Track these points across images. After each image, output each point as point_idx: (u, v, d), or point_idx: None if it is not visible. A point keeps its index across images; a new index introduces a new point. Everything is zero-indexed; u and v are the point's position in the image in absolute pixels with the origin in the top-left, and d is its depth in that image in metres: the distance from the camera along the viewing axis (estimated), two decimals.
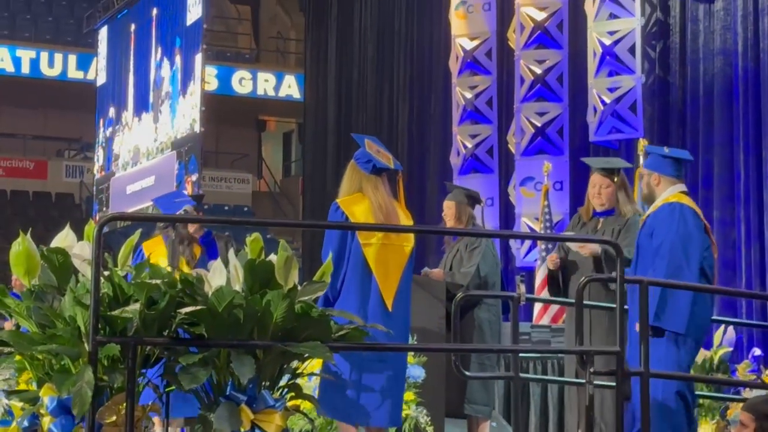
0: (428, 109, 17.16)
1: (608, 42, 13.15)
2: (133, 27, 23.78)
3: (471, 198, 8.56)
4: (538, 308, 11.99)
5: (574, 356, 7.61)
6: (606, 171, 7.88)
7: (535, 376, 9.39)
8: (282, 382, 5.08)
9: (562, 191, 13.75)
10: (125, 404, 4.71)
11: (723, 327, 9.50)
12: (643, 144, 10.09)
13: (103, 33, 25.51)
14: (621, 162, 8.23)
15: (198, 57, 20.70)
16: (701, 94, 12.69)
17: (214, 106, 23.75)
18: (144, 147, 23.00)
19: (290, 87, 28.07)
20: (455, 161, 15.33)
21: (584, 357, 5.77)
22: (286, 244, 5.07)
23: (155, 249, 8.23)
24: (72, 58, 28.35)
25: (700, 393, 8.30)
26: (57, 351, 4.74)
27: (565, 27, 14.17)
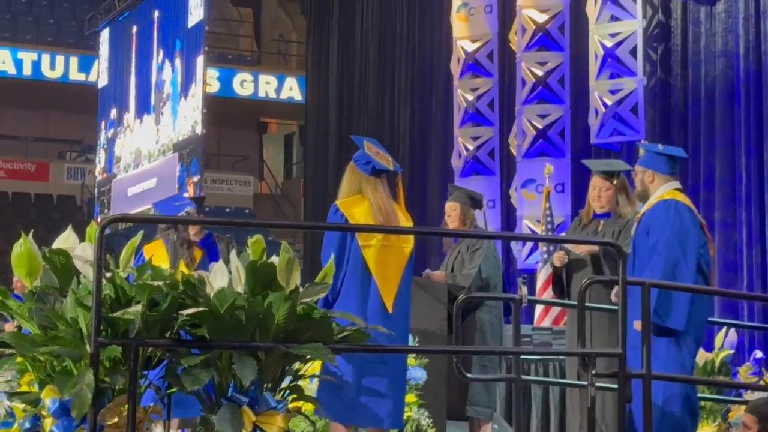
0: (429, 112, 17.15)
1: (610, 44, 13.14)
2: (135, 29, 23.78)
3: (473, 200, 8.57)
4: (540, 310, 11.98)
5: (575, 358, 7.62)
6: (606, 174, 7.87)
7: (537, 378, 9.37)
8: (284, 384, 5.08)
9: (564, 193, 13.74)
10: (127, 406, 4.71)
11: (724, 329, 9.47)
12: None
13: (105, 35, 25.52)
14: (621, 164, 8.22)
15: (200, 59, 20.70)
16: (703, 97, 12.68)
17: (216, 108, 23.74)
18: (145, 149, 23.00)
19: (292, 89, 28.06)
20: (456, 163, 15.32)
21: (586, 359, 5.76)
22: (288, 246, 5.06)
23: (156, 252, 8.24)
24: (74, 60, 28.35)
25: (702, 395, 8.28)
26: (59, 353, 4.73)
27: (567, 29, 14.17)
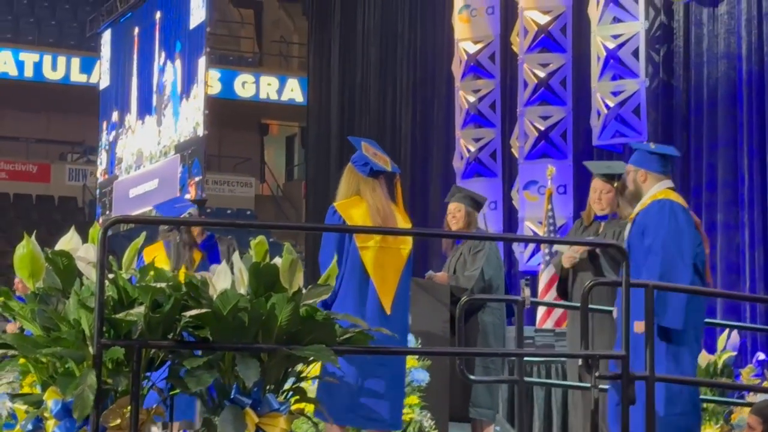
0: (431, 113, 17.14)
1: (612, 46, 13.14)
2: (137, 30, 23.79)
3: (476, 202, 8.56)
4: (542, 312, 11.97)
5: (576, 359, 7.61)
6: (607, 176, 7.86)
7: (540, 380, 9.36)
8: (287, 386, 5.07)
9: (566, 195, 13.72)
10: (130, 407, 4.70)
11: (727, 331, 9.45)
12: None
13: (107, 36, 25.52)
14: (622, 167, 8.19)
15: (201, 60, 20.71)
16: (705, 98, 12.66)
17: (217, 110, 23.75)
18: (147, 150, 23.00)
19: (293, 91, 28.07)
20: (458, 165, 15.31)
21: (589, 361, 5.74)
22: (291, 247, 5.05)
23: (155, 254, 8.21)
24: (75, 62, 28.37)
25: (704, 397, 8.27)
26: (61, 354, 4.72)
27: (569, 31, 14.15)
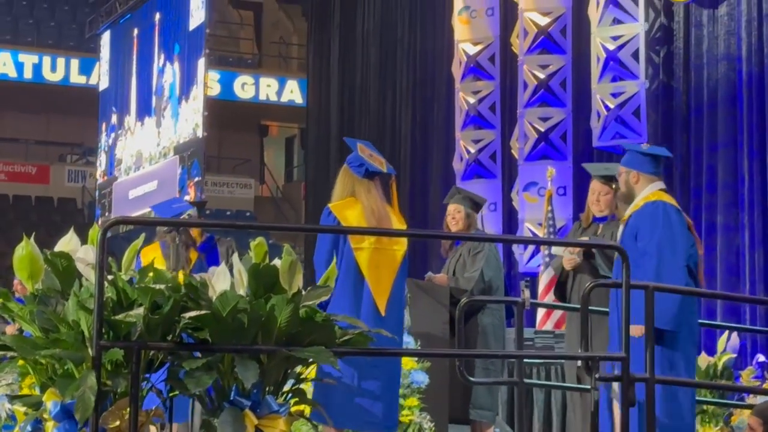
0: (431, 115, 17.13)
1: (612, 47, 13.13)
2: (136, 32, 23.79)
3: (475, 203, 8.56)
4: (541, 314, 11.96)
5: (574, 361, 7.60)
6: (605, 178, 7.85)
7: (539, 382, 9.35)
8: (286, 387, 5.06)
9: (566, 196, 13.71)
10: (129, 409, 4.69)
11: (727, 333, 9.45)
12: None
13: (106, 38, 25.52)
14: None
15: (201, 62, 20.70)
16: (705, 100, 12.65)
17: (217, 111, 23.74)
18: (147, 152, 22.99)
19: (293, 92, 28.06)
20: (458, 166, 15.30)
21: (589, 363, 5.73)
22: (291, 249, 5.04)
23: (152, 255, 8.17)
24: (74, 63, 28.37)
25: (704, 399, 8.26)
26: (60, 355, 4.71)
27: (569, 32, 14.15)
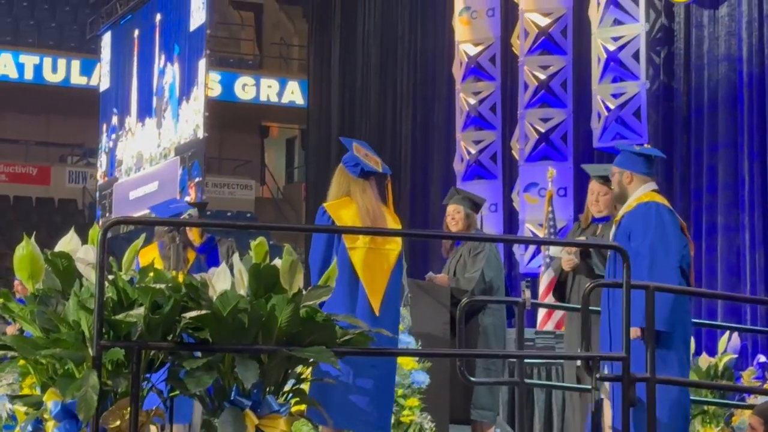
0: (432, 116, 17.13)
1: (612, 48, 13.13)
2: (137, 32, 23.78)
3: (475, 204, 8.56)
4: (542, 315, 11.96)
5: (573, 361, 7.60)
6: (604, 179, 7.85)
7: (540, 382, 9.34)
8: (286, 387, 5.06)
9: (566, 197, 13.72)
10: (129, 409, 4.69)
11: (728, 333, 9.44)
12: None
13: (107, 39, 25.52)
14: None
15: (201, 62, 20.70)
16: (706, 100, 12.65)
17: (217, 112, 23.74)
18: (147, 152, 22.99)
19: (293, 93, 28.05)
20: (459, 167, 15.30)
21: (590, 363, 5.73)
22: (291, 249, 5.04)
23: (149, 256, 8.17)
24: (75, 64, 28.37)
25: (705, 399, 8.26)
26: (61, 355, 4.71)
27: (569, 33, 14.15)
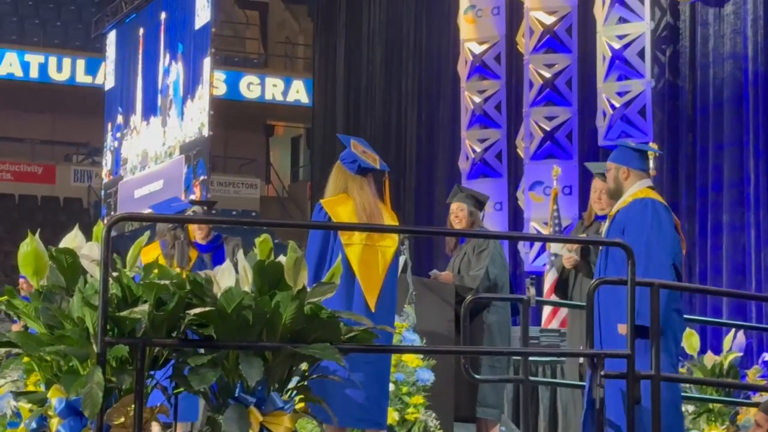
0: (437, 114, 17.13)
1: (618, 46, 13.12)
2: (142, 31, 23.80)
3: (478, 201, 8.55)
4: (547, 312, 11.95)
5: (575, 359, 7.59)
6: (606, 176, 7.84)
7: (545, 380, 9.34)
8: (291, 384, 5.05)
9: (571, 195, 13.72)
10: (134, 406, 4.68)
11: (733, 331, 9.43)
12: (655, 148, 10.05)
13: (112, 37, 25.53)
14: None
15: (206, 61, 20.70)
16: (711, 98, 12.64)
17: (223, 111, 23.73)
18: (152, 151, 23.00)
19: (298, 92, 28.05)
20: (464, 166, 15.31)
21: (594, 360, 5.73)
22: (296, 246, 5.04)
23: (152, 254, 8.16)
24: (80, 63, 28.37)
25: (710, 397, 8.25)
26: (65, 352, 4.71)
27: (575, 31, 14.15)
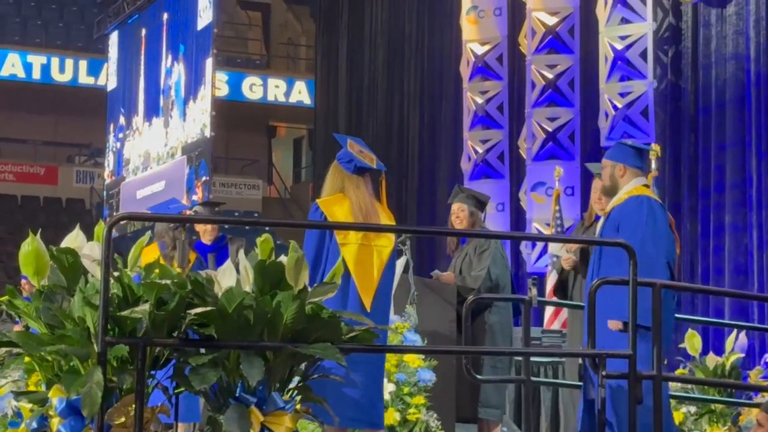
0: (439, 115, 17.13)
1: (620, 47, 13.11)
2: (144, 32, 23.80)
3: (479, 202, 8.55)
4: (549, 314, 11.95)
5: (575, 359, 7.58)
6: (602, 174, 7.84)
7: (547, 380, 9.33)
8: (292, 384, 5.05)
9: (574, 196, 13.71)
10: (134, 406, 4.68)
11: (735, 332, 9.42)
12: (656, 149, 10.05)
13: (114, 38, 25.53)
14: None
15: (208, 62, 20.70)
16: (713, 99, 12.63)
17: (225, 112, 23.74)
18: (154, 152, 23.01)
19: (301, 93, 28.06)
20: (466, 166, 15.30)
21: (596, 360, 5.72)
22: (297, 245, 5.04)
23: (150, 256, 8.15)
24: (83, 64, 28.39)
25: (712, 398, 8.25)
26: (66, 352, 4.70)
27: (577, 32, 14.14)
